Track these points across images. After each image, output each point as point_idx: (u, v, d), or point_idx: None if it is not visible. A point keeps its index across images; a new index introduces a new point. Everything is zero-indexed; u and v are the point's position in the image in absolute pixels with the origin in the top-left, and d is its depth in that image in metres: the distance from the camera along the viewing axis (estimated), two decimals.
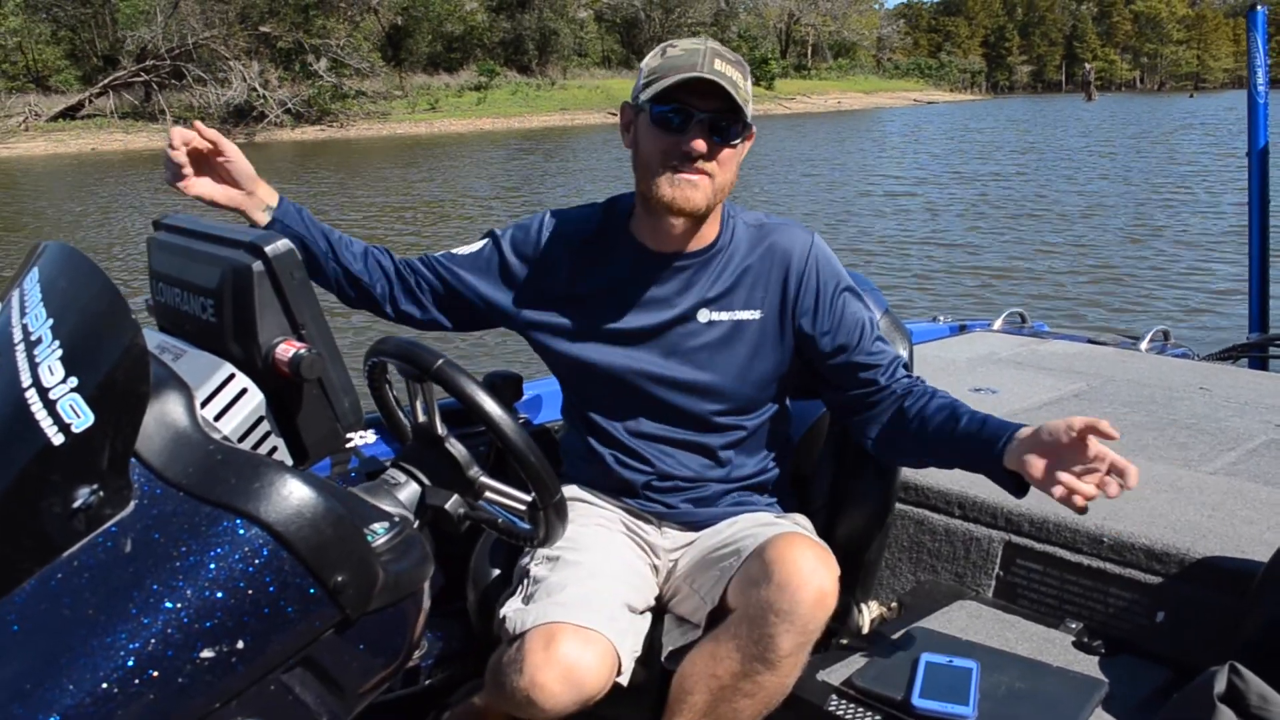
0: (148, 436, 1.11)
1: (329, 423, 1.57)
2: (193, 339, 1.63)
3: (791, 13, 74.01)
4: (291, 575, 1.08)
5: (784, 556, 1.65)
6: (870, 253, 12.87)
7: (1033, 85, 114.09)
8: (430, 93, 47.73)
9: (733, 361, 1.91)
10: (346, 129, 41.41)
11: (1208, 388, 3.09)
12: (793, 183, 21.46)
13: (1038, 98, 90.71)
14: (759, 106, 58.82)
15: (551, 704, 1.62)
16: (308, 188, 22.43)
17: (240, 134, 38.45)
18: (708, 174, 1.78)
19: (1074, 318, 9.07)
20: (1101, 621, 2.03)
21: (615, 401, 1.95)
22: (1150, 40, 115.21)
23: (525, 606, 1.75)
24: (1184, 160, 23.24)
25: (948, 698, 1.73)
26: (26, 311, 1.24)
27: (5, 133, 35.96)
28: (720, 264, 1.91)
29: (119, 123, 38.87)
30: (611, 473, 1.96)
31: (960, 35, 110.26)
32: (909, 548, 2.33)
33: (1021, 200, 17.61)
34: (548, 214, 2.01)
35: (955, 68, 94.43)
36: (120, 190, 23.46)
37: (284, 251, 1.51)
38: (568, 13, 57.40)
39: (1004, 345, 3.67)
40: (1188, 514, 2.12)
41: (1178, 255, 12.32)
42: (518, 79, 52.87)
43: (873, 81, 76.91)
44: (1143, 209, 16.28)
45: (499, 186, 22.44)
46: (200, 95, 39.61)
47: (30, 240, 15.30)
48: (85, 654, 0.99)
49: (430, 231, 15.82)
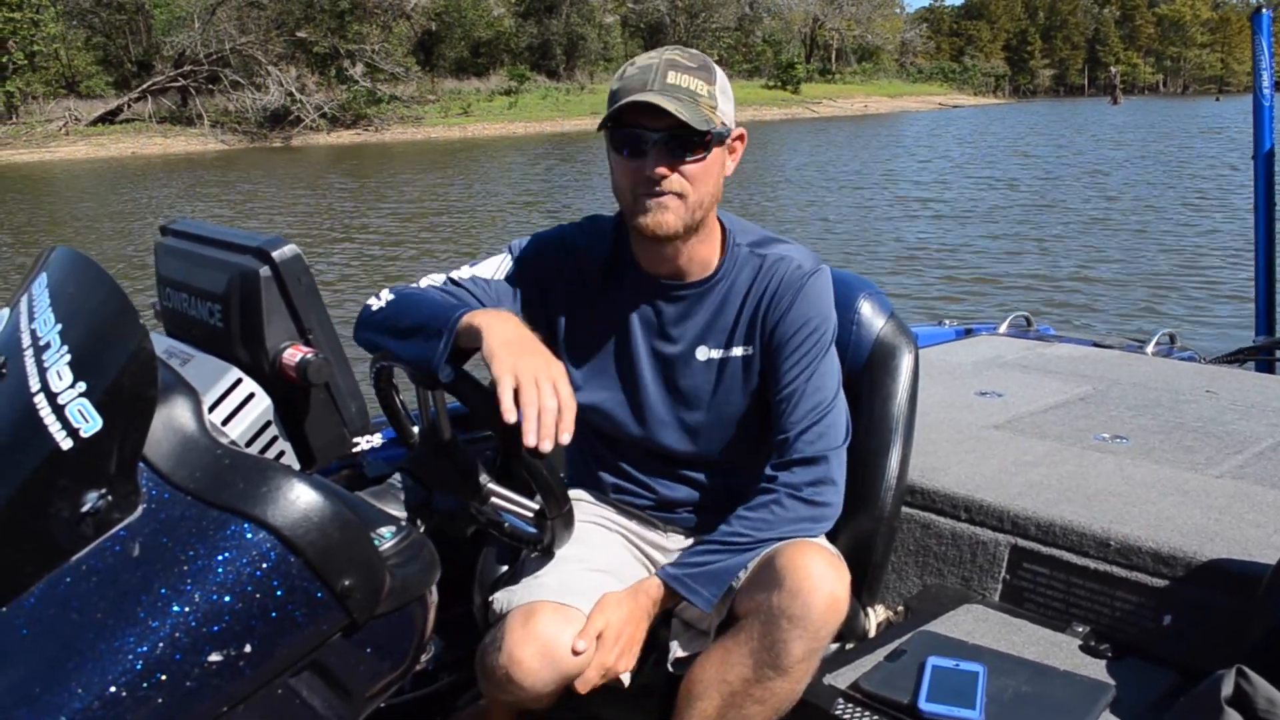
0: (155, 441, 1.12)
1: (336, 427, 1.57)
2: (200, 344, 1.63)
3: (816, 17, 73.91)
4: (299, 579, 1.08)
5: (795, 563, 1.65)
6: (880, 255, 12.86)
7: (1055, 89, 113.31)
8: (461, 97, 47.86)
9: (731, 400, 1.88)
10: (381, 133, 41.58)
11: (1214, 391, 3.08)
12: (805, 185, 21.38)
13: (1060, 101, 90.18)
14: (786, 110, 57.10)
15: (530, 680, 1.63)
16: (348, 191, 22.64)
17: (277, 138, 38.87)
18: (677, 193, 1.70)
19: (1080, 321, 9.06)
20: (1108, 625, 2.03)
21: (615, 437, 1.95)
22: (1174, 43, 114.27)
23: (512, 589, 1.77)
24: (1204, 163, 23.10)
25: (954, 701, 1.72)
26: (35, 317, 1.24)
27: (46, 137, 36.32)
28: (719, 296, 1.86)
29: (157, 127, 39.25)
30: (612, 493, 1.98)
31: (982, 39, 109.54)
32: (915, 551, 2.33)
33: (1035, 204, 17.58)
34: (559, 232, 1.95)
35: (979, 72, 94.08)
36: (164, 190, 23.89)
37: (291, 257, 1.52)
38: (595, 18, 57.51)
39: (1009, 348, 3.66)
40: (1194, 517, 2.12)
41: (1187, 257, 12.30)
42: (547, 84, 52.91)
43: (897, 85, 76.72)
44: (1155, 211, 16.25)
45: (539, 190, 22.50)
46: (237, 100, 39.89)
47: (83, 240, 15.47)
48: (93, 658, 1.00)
49: (472, 234, 15.86)
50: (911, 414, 2.11)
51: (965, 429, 2.71)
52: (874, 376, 2.10)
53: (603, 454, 1.97)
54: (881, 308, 2.14)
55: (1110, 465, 2.42)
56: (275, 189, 23.57)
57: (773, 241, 1.90)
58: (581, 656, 1.66)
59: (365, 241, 15.35)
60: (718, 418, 1.89)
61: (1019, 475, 2.36)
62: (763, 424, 1.90)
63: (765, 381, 1.87)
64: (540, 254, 1.91)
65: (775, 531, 1.76)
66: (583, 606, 1.70)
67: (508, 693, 1.66)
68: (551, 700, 1.72)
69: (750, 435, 1.91)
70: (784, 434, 1.81)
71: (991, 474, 2.37)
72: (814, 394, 1.82)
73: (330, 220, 17.81)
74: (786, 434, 1.81)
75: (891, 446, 2.08)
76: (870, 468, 2.05)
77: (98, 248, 14.74)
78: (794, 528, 1.77)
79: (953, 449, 2.54)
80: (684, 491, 1.95)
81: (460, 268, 1.88)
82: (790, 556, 1.67)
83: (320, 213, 18.85)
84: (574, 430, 1.52)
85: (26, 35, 36.54)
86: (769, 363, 1.85)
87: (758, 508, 1.78)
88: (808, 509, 1.79)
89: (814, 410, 1.81)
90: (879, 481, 2.07)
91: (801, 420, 1.80)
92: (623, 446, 1.95)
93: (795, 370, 1.82)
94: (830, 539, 1.89)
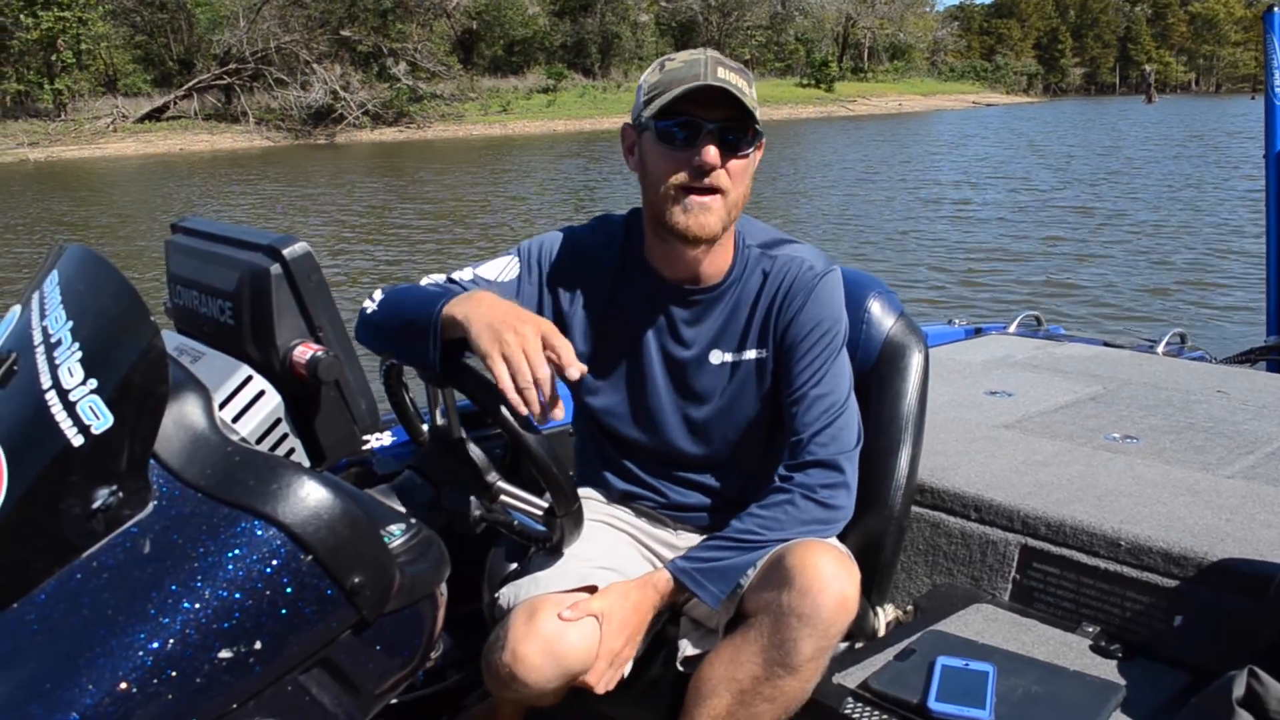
0: (166, 438, 1.12)
1: (346, 425, 1.57)
2: (210, 341, 1.63)
3: (849, 16, 73.71)
4: (309, 576, 1.08)
5: (805, 561, 1.65)
6: (892, 253, 12.85)
7: (1085, 88, 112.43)
8: (500, 95, 48.01)
9: (745, 403, 1.88)
10: (424, 130, 41.82)
11: (1225, 391, 3.07)
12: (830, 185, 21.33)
13: (1092, 100, 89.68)
14: (822, 108, 57.17)
15: (534, 677, 1.63)
16: (415, 185, 22.90)
17: (321, 135, 39.10)
18: (720, 191, 1.70)
19: (1089, 321, 9.03)
20: (1119, 625, 2.02)
21: (626, 440, 1.95)
22: (1207, 41, 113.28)
23: (515, 585, 1.77)
24: (1230, 162, 22.87)
25: (964, 701, 1.72)
26: (46, 314, 1.25)
27: (95, 134, 36.73)
28: (732, 300, 1.86)
29: (203, 124, 39.62)
30: (622, 497, 1.98)
31: (1013, 37, 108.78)
32: (925, 551, 2.32)
33: (1056, 204, 17.50)
34: (568, 234, 1.94)
35: (1011, 70, 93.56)
36: (215, 185, 24.23)
37: (301, 254, 1.52)
38: (630, 16, 57.62)
39: (1019, 348, 3.66)
40: (1205, 517, 2.11)
41: (1195, 257, 12.26)
42: (582, 82, 52.98)
43: (929, 84, 76.24)
44: (1168, 210, 16.18)
45: (582, 183, 22.56)
46: (281, 98, 40.20)
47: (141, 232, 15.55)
48: (104, 654, 1.00)
49: (516, 229, 15.92)
50: (921, 413, 2.11)
51: (975, 428, 2.71)
52: (884, 375, 2.10)
53: (612, 456, 1.97)
54: (891, 307, 2.14)
55: (1121, 465, 2.41)
56: (329, 184, 23.81)
57: (782, 242, 1.90)
58: (584, 651, 1.66)
59: (426, 233, 15.51)
60: (730, 421, 1.89)
61: (1029, 475, 2.35)
62: (774, 427, 1.90)
63: (777, 384, 1.87)
64: (549, 257, 1.90)
65: (786, 532, 1.76)
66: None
67: (512, 690, 1.66)
68: (557, 698, 1.72)
69: (761, 438, 1.91)
70: (797, 435, 1.81)
71: (1001, 473, 2.36)
72: (827, 395, 1.82)
73: (409, 213, 17.91)
74: (800, 435, 1.81)
75: (901, 446, 2.07)
76: (880, 467, 2.05)
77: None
78: (805, 529, 1.77)
79: (963, 448, 2.54)
80: (695, 495, 1.95)
81: (463, 268, 1.87)
82: (800, 555, 1.67)
83: (386, 208, 19.02)
84: (582, 424, 1.52)
85: (75, 34, 37.12)
86: (781, 364, 1.85)
87: (770, 506, 1.78)
88: (820, 511, 1.78)
89: (827, 412, 1.81)
90: (889, 480, 2.07)
91: (815, 422, 1.80)
92: (633, 449, 1.95)
93: (808, 372, 1.82)
94: (840, 538, 1.89)
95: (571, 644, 1.65)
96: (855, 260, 11.82)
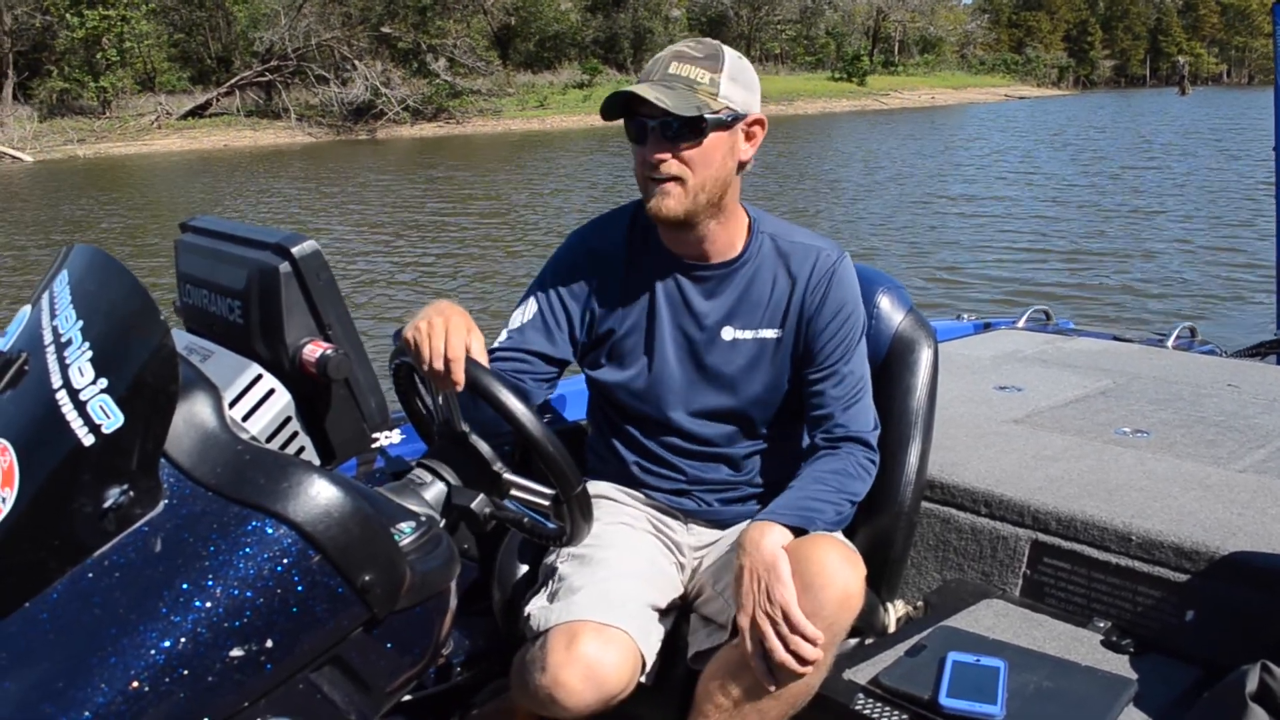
0: (177, 437, 1.12)
1: (356, 423, 1.58)
2: (220, 340, 1.64)
3: (880, 9, 73.45)
4: (320, 574, 1.08)
5: (810, 557, 1.65)
6: (899, 251, 12.83)
7: (1115, 80, 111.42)
8: (536, 90, 48.07)
9: (757, 380, 1.91)
10: (463, 125, 41.91)
11: (1236, 384, 3.06)
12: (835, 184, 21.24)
13: (1123, 92, 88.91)
14: (856, 102, 56.82)
15: (574, 702, 1.64)
16: (474, 180, 22.98)
17: (362, 130, 39.23)
18: (678, 178, 1.76)
19: (1098, 315, 9.00)
20: (1130, 620, 2.02)
21: (642, 418, 1.96)
22: (1239, 33, 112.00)
23: (549, 605, 1.76)
24: (1253, 157, 22.69)
25: (975, 697, 1.72)
26: (56, 314, 1.25)
27: (140, 130, 37.11)
28: (745, 278, 1.90)
29: (245, 120, 39.83)
30: (638, 477, 1.98)
31: (1042, 30, 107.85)
32: (935, 546, 2.32)
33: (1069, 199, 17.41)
34: (574, 238, 2.00)
35: (1042, 63, 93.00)
36: (266, 179, 24.40)
37: (310, 253, 1.52)
38: (661, 11, 57.61)
39: (1029, 343, 3.65)
40: (1217, 511, 2.10)
41: (1204, 252, 12.21)
42: (616, 76, 52.95)
43: (960, 77, 75.51)
44: (1177, 204, 16.09)
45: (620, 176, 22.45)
46: (322, 94, 40.35)
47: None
48: (116, 653, 1.00)
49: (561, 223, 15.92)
50: (931, 408, 2.11)
51: (985, 423, 2.70)
52: (893, 371, 2.10)
53: (628, 434, 1.98)
54: (901, 302, 2.13)
55: (1131, 459, 2.40)
56: (383, 177, 23.89)
57: (795, 230, 1.96)
58: (625, 675, 1.66)
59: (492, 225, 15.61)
60: (741, 398, 1.92)
61: (1039, 470, 2.35)
62: (783, 408, 1.94)
63: (798, 366, 1.90)
64: (559, 274, 1.96)
65: (852, 488, 1.83)
66: (624, 625, 1.70)
67: (549, 711, 1.67)
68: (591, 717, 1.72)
69: (771, 418, 1.94)
70: (827, 409, 1.88)
71: (1011, 468, 2.36)
72: (855, 371, 1.90)
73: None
74: (830, 410, 1.88)
75: (911, 441, 2.07)
76: (890, 462, 2.04)
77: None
78: (862, 486, 1.85)
79: (972, 443, 2.53)
80: (707, 471, 1.96)
81: (499, 333, 1.96)
82: (804, 550, 1.67)
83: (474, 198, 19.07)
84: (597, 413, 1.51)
85: (119, 32, 37.56)
86: (805, 347, 1.89)
87: (832, 459, 1.85)
88: (864, 474, 1.87)
89: (856, 388, 1.89)
90: (898, 476, 2.07)
91: (845, 396, 1.88)
92: (647, 425, 1.96)
93: (837, 352, 1.89)
94: (849, 534, 1.89)
95: (612, 668, 1.65)
96: (862, 255, 11.80)
